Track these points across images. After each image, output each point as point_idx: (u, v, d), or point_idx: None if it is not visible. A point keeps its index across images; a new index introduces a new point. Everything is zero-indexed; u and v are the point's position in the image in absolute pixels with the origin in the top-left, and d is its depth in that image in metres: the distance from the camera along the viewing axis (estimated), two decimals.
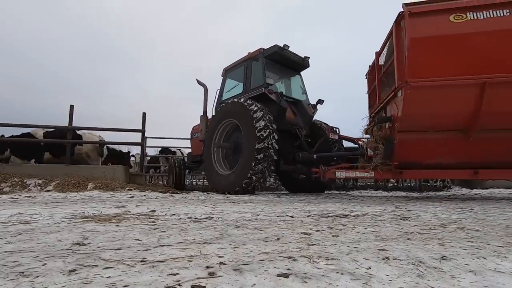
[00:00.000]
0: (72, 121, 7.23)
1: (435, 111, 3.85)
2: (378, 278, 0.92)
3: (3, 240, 1.42)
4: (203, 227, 1.85)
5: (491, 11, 3.65)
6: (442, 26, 3.77)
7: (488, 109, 3.65)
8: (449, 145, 4.04)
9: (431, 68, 3.79)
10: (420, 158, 4.21)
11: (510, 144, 3.86)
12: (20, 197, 4.05)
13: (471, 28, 3.70)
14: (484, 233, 1.72)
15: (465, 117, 3.82)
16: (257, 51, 5.63)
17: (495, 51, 3.66)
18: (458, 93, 3.72)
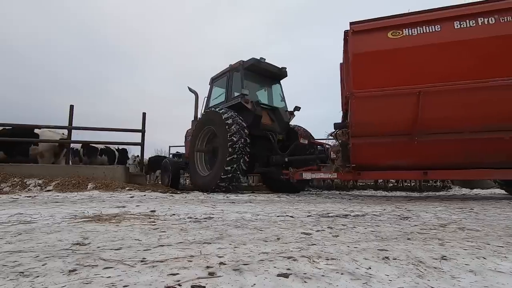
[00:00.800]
0: (72, 121, 7.24)
1: (380, 118, 4.26)
2: (378, 278, 0.92)
3: (3, 240, 1.42)
4: (203, 227, 1.85)
5: (424, 27, 4.05)
6: (381, 42, 4.21)
7: (424, 115, 4.04)
8: (397, 149, 4.40)
9: (374, 79, 4.22)
10: (375, 160, 4.59)
11: (449, 146, 4.16)
12: (20, 197, 4.05)
13: (406, 43, 4.11)
14: (484, 233, 1.72)
15: (407, 123, 4.18)
16: (238, 63, 6.17)
17: (428, 63, 4.03)
18: (398, 102, 4.14)
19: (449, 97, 3.96)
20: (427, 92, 3.97)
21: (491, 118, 3.89)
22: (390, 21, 4.25)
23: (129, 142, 8.47)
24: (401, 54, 4.15)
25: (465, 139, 4.08)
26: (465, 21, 3.92)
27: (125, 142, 8.65)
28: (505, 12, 3.79)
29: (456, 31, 3.95)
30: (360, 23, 4.41)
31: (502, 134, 3.90)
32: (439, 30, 3.99)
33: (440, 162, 4.34)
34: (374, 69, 4.24)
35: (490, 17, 3.83)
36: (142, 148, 7.82)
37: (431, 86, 3.97)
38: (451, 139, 4.12)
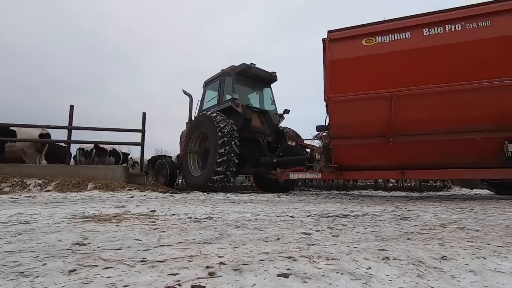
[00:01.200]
0: (72, 121, 7.24)
1: (357, 120, 4.50)
2: (378, 278, 0.92)
3: (3, 240, 1.42)
4: (203, 227, 1.85)
5: (395, 34, 4.28)
6: (356, 49, 4.45)
7: (397, 117, 4.26)
8: (375, 150, 4.60)
9: (349, 84, 4.47)
10: (355, 161, 4.82)
11: (423, 147, 4.35)
12: (20, 197, 4.05)
13: (379, 49, 4.34)
14: (484, 233, 1.72)
15: (382, 125, 4.39)
16: (229, 68, 6.44)
17: (399, 68, 4.24)
18: (372, 105, 4.35)
19: (419, 100, 4.16)
20: (399, 95, 4.19)
21: (461, 120, 4.05)
22: (364, 29, 4.50)
23: (129, 142, 8.47)
24: (374, 60, 4.37)
25: (438, 140, 4.23)
26: (433, 28, 4.12)
27: (125, 142, 8.65)
28: (470, 20, 3.99)
29: (425, 38, 4.15)
30: (337, 32, 4.68)
31: (474, 135, 4.05)
32: (409, 37, 4.22)
33: (416, 162, 4.49)
34: (349, 75, 4.49)
35: (457, 24, 4.02)
36: (142, 148, 7.82)
37: (402, 90, 4.18)
38: (424, 140, 4.29)
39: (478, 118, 3.98)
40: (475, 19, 3.95)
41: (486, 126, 4.00)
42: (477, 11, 3.98)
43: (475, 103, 3.94)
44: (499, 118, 3.91)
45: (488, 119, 3.96)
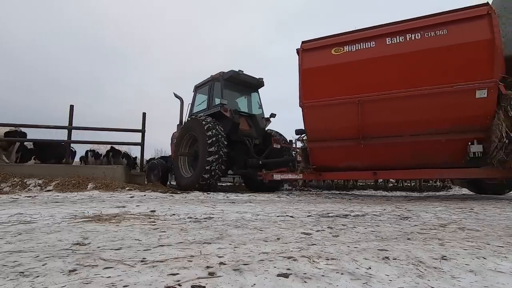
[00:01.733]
0: (72, 121, 7.23)
1: (329, 124, 4.83)
2: (378, 278, 0.92)
3: (3, 240, 1.42)
4: (203, 227, 1.85)
5: (362, 43, 4.59)
6: (326, 58, 4.79)
7: (365, 121, 4.57)
8: (347, 152, 4.90)
9: (321, 91, 4.80)
10: (331, 162, 5.12)
11: (392, 149, 4.61)
12: (20, 197, 4.05)
13: (347, 58, 4.67)
14: (484, 233, 1.72)
15: (352, 128, 4.68)
16: (218, 74, 6.74)
17: (366, 75, 4.54)
18: (342, 110, 4.67)
19: (384, 104, 4.44)
20: (365, 100, 4.51)
21: (426, 123, 4.28)
22: (333, 39, 4.83)
23: (129, 142, 8.47)
24: (343, 68, 4.70)
25: (407, 142, 4.48)
26: (395, 37, 4.41)
27: (125, 142, 8.64)
28: (428, 29, 4.23)
29: (388, 46, 4.44)
30: (309, 42, 5.02)
31: (439, 137, 4.28)
32: (374, 46, 4.53)
33: (388, 163, 4.74)
34: (321, 82, 4.83)
35: (417, 33, 4.30)
36: (142, 148, 7.82)
37: (368, 95, 4.49)
38: (393, 142, 4.56)
39: (441, 120, 4.20)
40: (433, 28, 4.21)
41: (450, 128, 4.19)
42: (434, 20, 4.24)
43: (436, 106, 4.17)
44: (462, 121, 4.10)
45: (452, 121, 4.15)
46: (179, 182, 6.56)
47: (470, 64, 3.98)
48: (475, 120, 4.03)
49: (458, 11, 4.18)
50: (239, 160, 6.40)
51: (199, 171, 5.72)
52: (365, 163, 4.85)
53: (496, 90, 3.90)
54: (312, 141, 5.12)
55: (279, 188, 7.39)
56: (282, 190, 7.67)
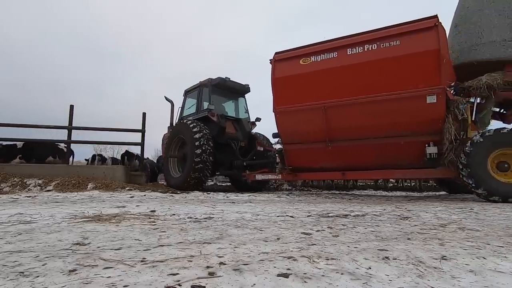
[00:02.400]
0: (72, 121, 7.23)
1: (299, 128, 5.23)
2: (378, 278, 0.92)
3: (3, 240, 1.43)
4: (203, 227, 1.85)
5: (326, 54, 4.99)
6: (295, 68, 5.19)
7: (330, 125, 4.98)
8: (317, 153, 5.27)
9: (291, 98, 5.22)
10: (305, 163, 5.48)
11: (358, 151, 4.95)
12: (20, 197, 4.05)
13: (313, 67, 5.06)
14: (484, 233, 1.72)
15: (320, 132, 5.08)
16: (206, 80, 7.13)
17: (330, 83, 4.92)
18: (310, 115, 5.07)
19: (347, 110, 4.82)
20: (329, 106, 4.91)
21: (386, 126, 4.61)
22: (302, 50, 5.25)
23: (129, 142, 8.47)
24: (310, 76, 5.10)
25: (370, 144, 4.82)
26: (355, 48, 4.80)
27: (125, 142, 8.64)
28: (383, 40, 4.59)
29: (348, 57, 4.82)
30: (281, 53, 5.47)
31: (398, 140, 4.61)
32: (336, 56, 4.92)
33: (354, 164, 5.09)
34: (291, 90, 5.25)
35: (373, 44, 4.66)
36: (142, 148, 7.83)
37: (332, 101, 4.89)
38: (358, 145, 4.92)
39: (400, 124, 4.52)
40: (387, 40, 4.58)
41: (408, 131, 4.51)
42: (388, 32, 4.61)
43: (394, 111, 4.50)
44: (417, 124, 4.41)
45: (409, 124, 4.47)
46: (168, 181, 6.94)
47: (420, 72, 4.30)
48: (429, 123, 4.34)
49: (409, 23, 4.54)
50: (225, 162, 6.80)
51: (187, 172, 6.08)
52: (334, 164, 5.24)
53: (444, 96, 4.20)
54: (286, 144, 5.54)
55: (265, 187, 7.71)
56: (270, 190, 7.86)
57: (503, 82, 4.12)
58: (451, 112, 4.22)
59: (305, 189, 8.19)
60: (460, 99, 4.24)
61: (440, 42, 4.19)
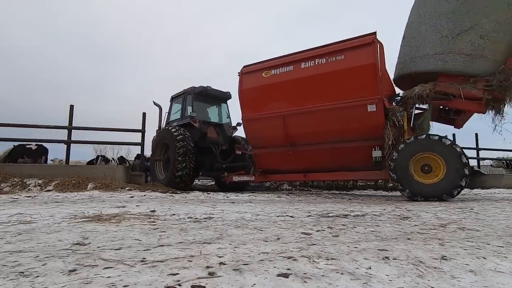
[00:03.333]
0: (72, 121, 7.23)
1: (264, 134, 5.79)
2: (378, 278, 0.92)
3: (3, 240, 1.43)
4: (203, 227, 1.85)
5: (284, 67, 5.51)
6: (259, 80, 5.76)
7: (289, 131, 5.50)
8: (281, 157, 5.78)
9: (256, 107, 5.80)
10: (273, 166, 6.03)
11: (316, 154, 5.43)
12: (20, 197, 4.05)
13: (273, 80, 5.61)
14: (484, 233, 1.72)
15: (281, 138, 5.60)
16: (190, 88, 7.69)
17: (287, 93, 5.45)
18: (272, 122, 5.61)
19: (302, 118, 5.34)
20: (287, 114, 5.45)
21: (337, 132, 5.06)
22: (264, 64, 5.82)
23: (129, 142, 8.47)
24: (270, 88, 5.65)
25: (325, 148, 5.28)
26: (307, 62, 5.28)
27: (125, 142, 8.65)
28: (331, 55, 5.07)
29: (302, 70, 5.31)
30: (248, 66, 6.04)
31: (349, 144, 5.04)
32: (292, 70, 5.42)
33: (314, 167, 5.57)
34: (256, 99, 5.84)
35: (322, 58, 5.15)
36: (142, 148, 7.84)
37: (289, 110, 5.43)
38: (315, 149, 5.40)
39: (349, 130, 4.96)
40: (334, 54, 5.05)
41: (357, 137, 4.94)
42: (335, 48, 5.11)
43: (342, 118, 4.95)
44: (364, 130, 4.83)
45: (356, 130, 4.89)
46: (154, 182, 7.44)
47: (362, 83, 4.75)
48: (372, 129, 4.77)
49: (352, 39, 5.04)
50: (207, 164, 7.32)
51: (171, 174, 6.65)
52: (297, 166, 5.73)
53: (382, 105, 4.63)
54: (255, 148, 6.11)
55: (245, 188, 8.21)
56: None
57: (434, 92, 4.53)
58: (390, 119, 4.67)
59: (305, 189, 8.21)
60: (396, 108, 4.75)
61: (377, 56, 4.64)
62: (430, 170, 4.20)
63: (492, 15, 4.25)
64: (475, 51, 4.29)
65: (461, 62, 4.37)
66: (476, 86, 4.33)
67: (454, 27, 4.40)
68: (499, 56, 4.30)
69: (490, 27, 4.25)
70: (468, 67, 4.35)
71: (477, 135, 9.12)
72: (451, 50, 4.40)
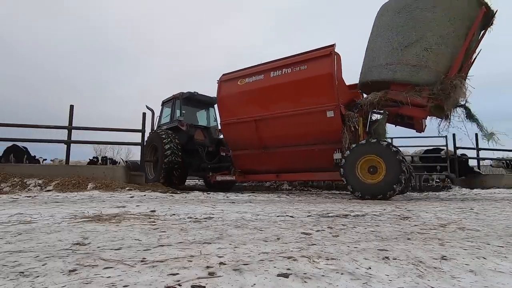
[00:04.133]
0: (72, 121, 7.23)
1: (240, 137, 6.27)
2: (378, 278, 0.92)
3: (3, 240, 1.43)
4: (203, 227, 1.85)
5: (255, 76, 6.00)
6: (235, 88, 6.28)
7: (261, 135, 5.98)
8: (256, 158, 6.25)
9: (233, 112, 6.30)
10: (251, 166, 6.49)
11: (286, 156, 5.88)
12: (20, 197, 4.05)
13: (247, 87, 6.10)
14: (484, 233, 1.72)
15: (255, 140, 6.06)
16: (179, 93, 8.20)
17: (259, 100, 5.92)
18: (246, 126, 6.07)
19: (272, 122, 5.81)
20: (258, 119, 5.93)
21: (303, 136, 5.47)
22: (240, 73, 6.30)
23: (129, 142, 8.47)
24: (244, 95, 6.13)
25: (295, 150, 5.68)
26: (276, 71, 5.76)
27: (125, 142, 8.64)
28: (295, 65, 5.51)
29: (271, 78, 5.78)
30: (226, 75, 6.52)
31: (314, 147, 5.45)
32: (263, 78, 5.89)
33: (286, 167, 6.02)
34: (232, 105, 6.36)
35: (288, 68, 5.60)
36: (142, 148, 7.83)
37: (260, 115, 5.90)
38: (285, 151, 5.86)
39: (314, 133, 5.35)
40: (298, 65, 5.49)
41: (319, 140, 5.36)
42: (299, 58, 5.53)
43: (307, 123, 5.35)
44: (326, 134, 5.25)
45: (320, 134, 5.30)
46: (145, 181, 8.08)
47: (322, 91, 5.17)
48: (332, 133, 5.18)
49: (314, 51, 5.46)
50: (194, 165, 7.78)
51: (158, 173, 7.21)
52: (270, 167, 6.20)
53: (339, 111, 5.02)
54: (233, 150, 6.60)
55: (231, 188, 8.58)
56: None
57: (385, 99, 4.88)
58: (347, 124, 5.08)
59: (305, 189, 8.24)
60: (352, 114, 5.14)
61: (334, 67, 5.04)
62: (376, 171, 4.53)
63: (435, 30, 4.60)
64: (420, 62, 4.64)
65: (407, 72, 4.71)
66: (421, 94, 4.65)
67: (403, 40, 4.76)
68: (442, 67, 4.62)
69: (434, 41, 4.59)
70: (413, 76, 4.68)
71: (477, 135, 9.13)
72: (400, 61, 4.76)
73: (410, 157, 9.26)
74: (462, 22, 4.57)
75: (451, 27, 4.57)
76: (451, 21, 4.57)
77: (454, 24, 4.56)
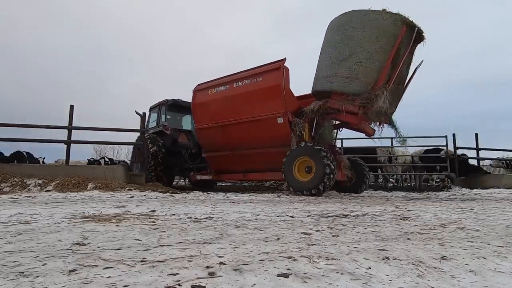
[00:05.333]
0: (72, 121, 7.23)
1: (212, 140, 7.00)
2: (378, 278, 0.92)
3: (3, 240, 1.43)
4: (203, 227, 1.85)
5: (223, 86, 6.72)
6: (206, 96, 7.00)
7: (227, 139, 6.67)
8: (227, 159, 6.89)
9: (205, 118, 6.99)
10: (223, 167, 7.19)
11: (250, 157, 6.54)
12: (20, 197, 4.05)
13: (216, 96, 6.81)
14: (484, 233, 1.72)
15: (223, 143, 6.76)
16: (164, 100, 8.93)
17: (225, 107, 6.60)
18: (216, 131, 6.78)
19: (236, 127, 6.47)
20: (224, 125, 6.62)
21: (263, 139, 6.13)
22: (210, 83, 7.02)
23: (129, 142, 8.48)
24: (214, 103, 6.83)
25: (258, 152, 6.36)
26: (238, 82, 6.44)
27: (125, 142, 8.67)
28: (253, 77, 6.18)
29: (234, 88, 6.48)
30: (200, 84, 7.22)
31: (272, 150, 6.05)
32: (228, 88, 6.61)
33: (251, 168, 6.67)
34: (204, 112, 7.06)
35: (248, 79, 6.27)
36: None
37: (225, 121, 6.56)
38: (248, 153, 6.51)
39: (270, 138, 5.99)
40: (255, 76, 6.16)
41: (275, 144, 5.99)
42: (256, 71, 6.21)
43: (264, 128, 6.02)
44: (279, 138, 5.85)
45: (275, 138, 5.92)
46: None
47: (273, 100, 5.83)
48: (283, 138, 5.78)
49: (268, 65, 6.14)
50: (178, 165, 8.49)
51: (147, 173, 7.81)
52: (238, 167, 6.86)
53: (287, 117, 5.67)
54: (207, 152, 7.28)
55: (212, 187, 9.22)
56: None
57: (324, 107, 5.44)
58: (294, 130, 5.65)
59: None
60: (298, 120, 5.69)
61: (282, 79, 5.67)
62: (311, 170, 5.16)
63: (364, 46, 5.18)
64: (351, 74, 5.23)
65: (342, 84, 5.31)
66: (354, 103, 5.22)
67: (339, 55, 5.35)
68: (370, 79, 5.18)
69: (363, 56, 5.17)
70: (346, 87, 5.28)
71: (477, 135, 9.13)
72: (336, 73, 5.37)
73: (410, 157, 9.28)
74: (387, 40, 5.14)
75: (377, 44, 5.16)
76: (378, 39, 5.15)
77: (380, 41, 5.14)
